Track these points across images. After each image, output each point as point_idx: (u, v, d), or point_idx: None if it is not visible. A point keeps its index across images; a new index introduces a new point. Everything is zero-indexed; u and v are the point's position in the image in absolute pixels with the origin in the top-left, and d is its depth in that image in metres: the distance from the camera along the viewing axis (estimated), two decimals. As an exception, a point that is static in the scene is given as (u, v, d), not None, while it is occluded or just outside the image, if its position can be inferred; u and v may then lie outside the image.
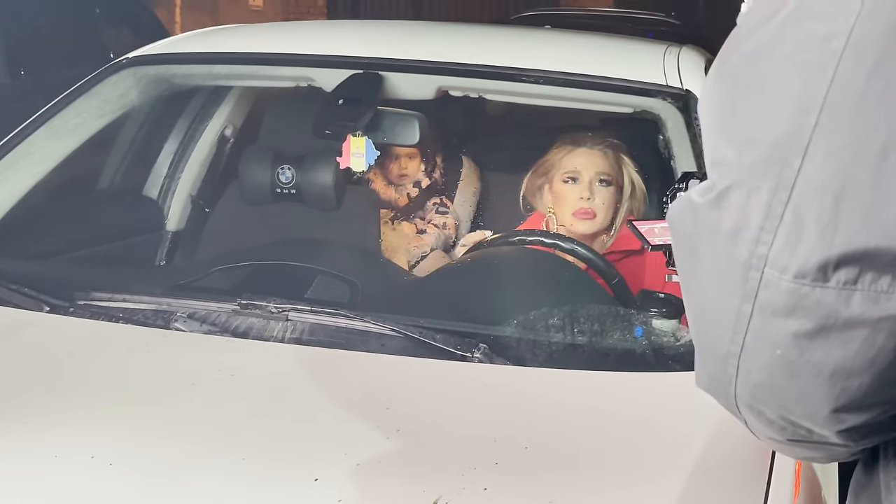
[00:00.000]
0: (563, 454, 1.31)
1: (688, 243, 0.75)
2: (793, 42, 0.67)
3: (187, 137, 2.65)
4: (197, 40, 2.48)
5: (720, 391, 0.76)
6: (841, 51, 0.65)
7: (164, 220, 2.62)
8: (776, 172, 0.67)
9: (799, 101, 0.66)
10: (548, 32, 3.22)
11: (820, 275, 0.65)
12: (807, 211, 0.66)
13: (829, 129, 0.65)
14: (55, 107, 2.19)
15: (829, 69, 0.65)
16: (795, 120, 0.66)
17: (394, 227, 2.64)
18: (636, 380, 1.52)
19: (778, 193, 0.67)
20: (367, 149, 2.12)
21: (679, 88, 2.02)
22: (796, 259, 0.66)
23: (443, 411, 1.41)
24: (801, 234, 0.66)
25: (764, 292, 0.68)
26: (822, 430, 0.72)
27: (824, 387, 0.69)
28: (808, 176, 0.66)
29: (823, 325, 0.66)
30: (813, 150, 0.65)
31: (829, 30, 0.65)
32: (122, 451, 1.26)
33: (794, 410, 0.72)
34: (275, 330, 1.61)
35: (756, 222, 0.68)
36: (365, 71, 2.14)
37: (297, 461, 1.26)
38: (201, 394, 1.42)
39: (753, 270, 0.68)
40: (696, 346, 0.79)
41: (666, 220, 0.83)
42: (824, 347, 0.67)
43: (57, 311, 1.69)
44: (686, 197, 0.76)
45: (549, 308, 1.68)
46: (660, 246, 1.30)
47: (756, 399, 0.73)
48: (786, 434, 0.75)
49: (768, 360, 0.70)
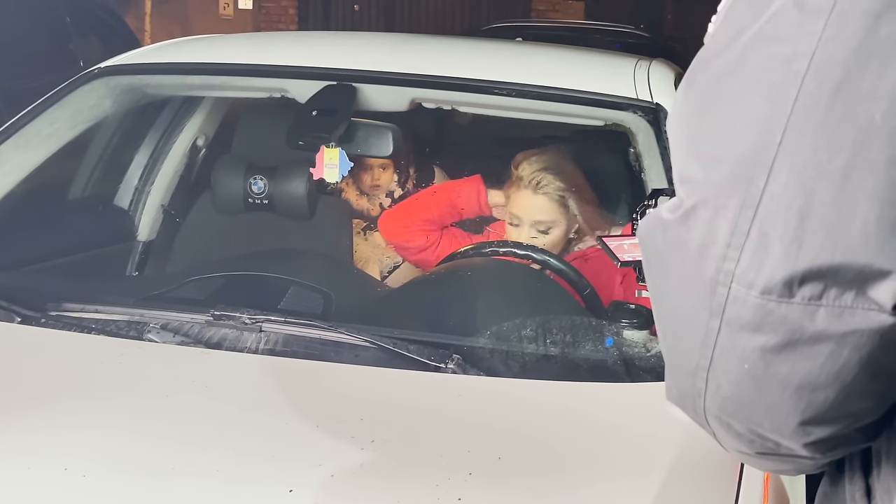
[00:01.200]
0: (536, 464, 1.32)
1: (657, 259, 0.76)
2: (757, 62, 0.69)
3: (159, 147, 2.65)
4: (170, 50, 2.48)
5: (689, 404, 0.77)
6: (804, 72, 0.66)
7: (135, 229, 2.61)
8: (742, 190, 0.68)
9: (764, 120, 0.68)
10: (520, 45, 3.25)
11: (785, 290, 0.67)
12: (772, 228, 0.67)
13: (792, 147, 0.66)
14: (26, 116, 2.18)
15: (792, 89, 0.66)
16: (761, 138, 0.68)
17: (366, 237, 2.65)
18: (608, 390, 1.54)
19: (744, 210, 0.68)
20: (341, 160, 2.13)
21: (649, 102, 2.04)
22: (762, 275, 0.67)
23: (417, 422, 1.42)
24: (766, 251, 0.67)
25: (731, 308, 0.69)
26: (789, 443, 0.73)
27: (791, 400, 0.70)
28: (773, 193, 0.67)
29: (789, 340, 0.68)
30: (777, 168, 0.67)
31: (792, 51, 0.67)
32: (96, 463, 1.25)
33: (762, 423, 0.73)
34: (248, 341, 1.61)
35: (723, 239, 0.69)
36: (339, 82, 2.15)
37: (271, 472, 1.26)
38: (175, 405, 1.42)
39: (721, 286, 0.69)
40: (666, 359, 0.80)
41: (636, 235, 0.84)
42: (790, 361, 0.68)
43: (28, 321, 1.68)
44: (655, 213, 0.77)
45: (521, 319, 1.69)
46: (629, 262, 1.32)
47: (724, 412, 0.74)
48: (754, 447, 0.76)
49: (736, 374, 0.71)
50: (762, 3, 0.69)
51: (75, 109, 2.25)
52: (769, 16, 0.69)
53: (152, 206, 2.63)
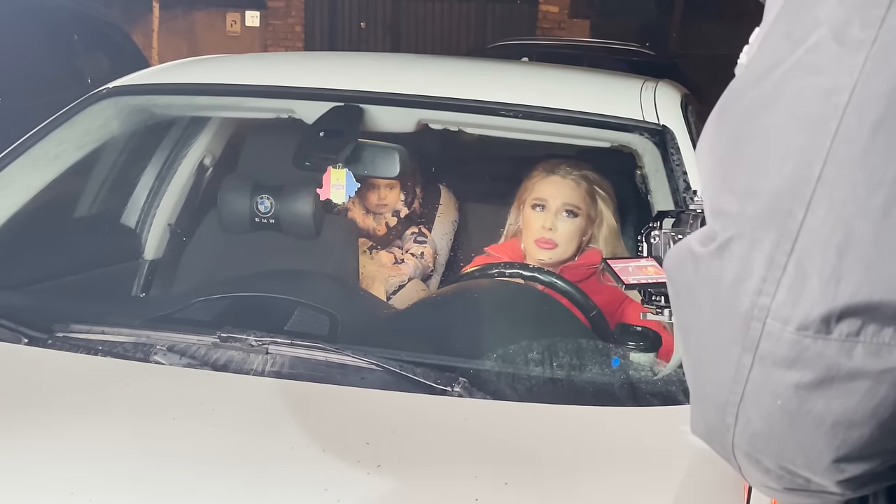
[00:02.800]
0: (543, 489, 1.31)
1: (687, 292, 0.75)
2: (795, 95, 0.68)
3: (166, 167, 2.66)
4: (177, 71, 2.49)
5: (717, 439, 0.76)
6: (844, 105, 0.65)
7: (141, 248, 2.61)
8: (779, 224, 0.67)
9: (802, 153, 0.67)
10: (526, 66, 3.26)
11: (823, 327, 0.66)
12: (810, 263, 0.66)
13: (832, 182, 0.65)
14: (35, 136, 2.19)
15: (832, 123, 0.65)
16: (799, 172, 0.67)
17: (371, 256, 2.65)
18: (615, 414, 1.53)
19: (781, 245, 0.67)
20: (348, 181, 2.14)
21: (656, 123, 2.05)
22: (799, 311, 0.66)
23: (423, 446, 1.42)
24: (803, 286, 0.66)
25: (765, 343, 0.68)
26: (821, 480, 0.72)
27: (825, 437, 0.69)
28: (812, 228, 0.66)
29: (825, 377, 0.67)
30: (816, 203, 0.66)
31: (832, 84, 0.66)
32: (103, 487, 1.25)
33: (794, 460, 0.71)
34: (255, 363, 1.61)
35: (758, 273, 0.68)
36: (346, 103, 2.15)
37: (277, 497, 1.25)
38: (181, 428, 1.42)
39: (755, 321, 0.68)
40: (693, 393, 0.79)
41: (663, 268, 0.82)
42: (826, 398, 0.67)
43: (35, 343, 1.68)
44: (685, 245, 0.76)
45: (528, 341, 1.69)
46: (634, 285, 1.30)
47: (754, 448, 0.73)
48: (783, 483, 0.75)
49: (768, 410, 0.70)
50: (799, 35, 0.69)
51: (83, 129, 2.26)
52: (807, 48, 0.68)
53: (159, 226, 2.64)
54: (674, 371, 1.60)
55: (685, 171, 1.91)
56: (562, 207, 2.21)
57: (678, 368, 1.59)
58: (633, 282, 1.31)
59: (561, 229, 2.21)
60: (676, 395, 1.55)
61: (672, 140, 1.99)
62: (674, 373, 1.59)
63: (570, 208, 2.22)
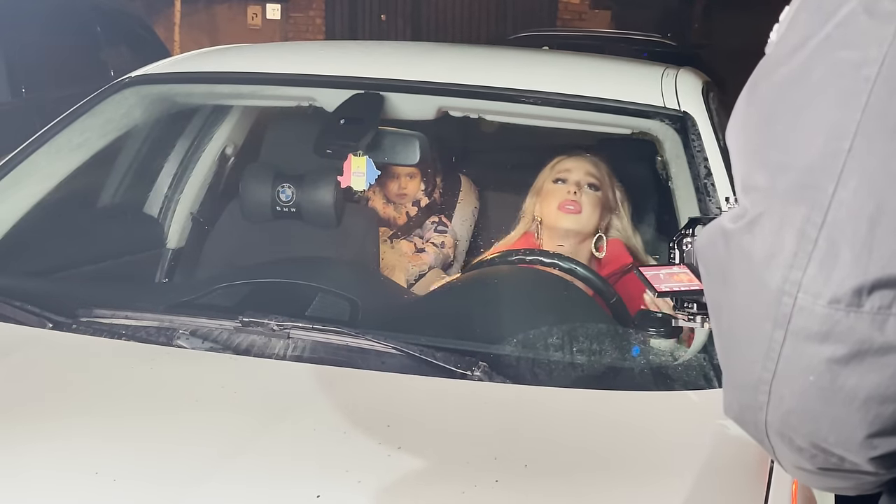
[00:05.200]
0: (562, 472, 1.32)
1: (719, 270, 0.75)
2: (825, 69, 0.68)
3: (188, 155, 2.67)
4: (199, 60, 2.51)
5: (749, 419, 0.76)
6: (874, 78, 0.65)
7: (164, 237, 2.63)
8: (810, 198, 0.67)
9: (832, 126, 0.67)
10: (546, 54, 3.25)
11: (854, 300, 0.65)
12: (841, 236, 0.66)
13: (862, 154, 0.65)
14: (58, 125, 2.21)
15: (862, 96, 0.66)
16: (829, 145, 0.67)
17: (392, 245, 2.66)
18: (635, 398, 1.53)
19: (812, 218, 0.67)
20: (368, 168, 2.14)
21: (676, 110, 2.04)
22: (830, 284, 0.66)
23: (443, 429, 1.42)
24: (835, 260, 0.66)
25: (797, 318, 0.68)
26: (854, 458, 0.71)
27: (858, 412, 0.68)
28: (842, 201, 0.66)
29: (858, 351, 0.66)
30: (847, 176, 0.66)
31: (861, 57, 0.66)
32: (126, 468, 1.27)
33: (827, 437, 0.71)
34: (276, 347, 1.62)
35: (790, 248, 0.68)
36: (366, 91, 2.16)
37: (299, 478, 1.26)
38: (204, 410, 1.43)
39: (786, 296, 0.68)
40: (725, 373, 0.78)
41: (695, 248, 0.82)
42: (858, 373, 0.67)
43: (60, 327, 1.70)
44: (717, 224, 0.75)
45: (548, 327, 1.69)
46: (666, 293, 1.30)
47: (787, 426, 0.73)
48: (816, 462, 0.74)
49: (801, 387, 0.69)
50: (828, 10, 0.69)
51: (106, 118, 2.27)
52: (837, 22, 0.68)
53: (181, 214, 2.66)
54: (694, 356, 1.59)
55: (706, 158, 1.90)
56: (584, 179, 2.22)
57: (699, 353, 1.59)
58: (665, 289, 1.30)
59: (585, 198, 2.20)
60: (697, 381, 1.54)
61: (693, 126, 1.99)
62: (694, 358, 1.59)
63: (591, 181, 2.22)
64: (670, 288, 1.31)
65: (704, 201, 1.82)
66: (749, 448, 1.32)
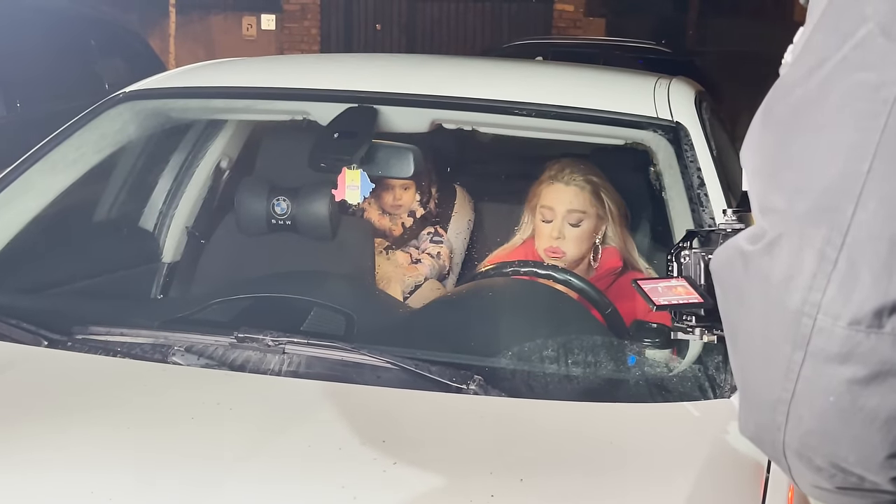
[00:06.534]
0: (558, 486, 1.32)
1: (736, 292, 0.75)
2: (842, 91, 0.68)
3: (183, 170, 2.68)
4: (193, 74, 2.51)
5: (767, 438, 0.75)
6: (893, 99, 0.65)
7: (159, 251, 2.63)
8: (829, 219, 0.67)
9: (850, 148, 0.67)
10: (539, 65, 3.26)
11: (875, 321, 0.65)
12: (861, 257, 0.66)
13: (882, 175, 0.65)
14: (53, 140, 2.21)
15: (881, 117, 0.66)
16: (848, 167, 0.66)
17: (388, 256, 2.66)
18: (631, 411, 1.54)
19: (831, 240, 0.67)
20: (363, 181, 2.14)
21: (669, 120, 2.05)
22: (850, 305, 0.66)
23: (439, 443, 1.42)
24: (855, 281, 0.66)
25: (817, 339, 0.68)
26: (874, 477, 0.71)
27: (879, 433, 0.68)
28: (862, 222, 0.66)
29: (879, 372, 0.66)
30: (866, 197, 0.66)
31: (879, 79, 0.66)
32: (122, 487, 1.26)
33: (847, 457, 0.71)
34: (272, 363, 1.62)
35: (809, 269, 0.68)
36: (360, 104, 2.16)
37: (295, 495, 1.26)
38: (200, 428, 1.43)
39: (806, 317, 0.68)
40: (742, 393, 0.78)
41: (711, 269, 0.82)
42: (880, 393, 0.67)
43: (55, 345, 1.70)
44: (734, 245, 0.75)
45: (543, 339, 1.69)
46: (665, 306, 1.30)
47: (806, 446, 0.73)
48: (835, 482, 0.74)
49: (820, 407, 0.69)
50: (845, 32, 0.69)
51: (101, 134, 2.28)
52: (854, 44, 0.68)
53: (177, 228, 2.66)
54: (689, 367, 1.60)
55: (699, 168, 1.91)
56: (567, 215, 2.24)
57: (693, 364, 1.59)
58: (664, 302, 1.30)
59: (568, 236, 2.26)
60: (692, 392, 1.55)
61: (686, 137, 1.99)
62: (689, 369, 1.59)
63: (573, 217, 2.25)
64: (669, 301, 1.31)
65: (698, 211, 1.82)
66: (745, 460, 1.33)
